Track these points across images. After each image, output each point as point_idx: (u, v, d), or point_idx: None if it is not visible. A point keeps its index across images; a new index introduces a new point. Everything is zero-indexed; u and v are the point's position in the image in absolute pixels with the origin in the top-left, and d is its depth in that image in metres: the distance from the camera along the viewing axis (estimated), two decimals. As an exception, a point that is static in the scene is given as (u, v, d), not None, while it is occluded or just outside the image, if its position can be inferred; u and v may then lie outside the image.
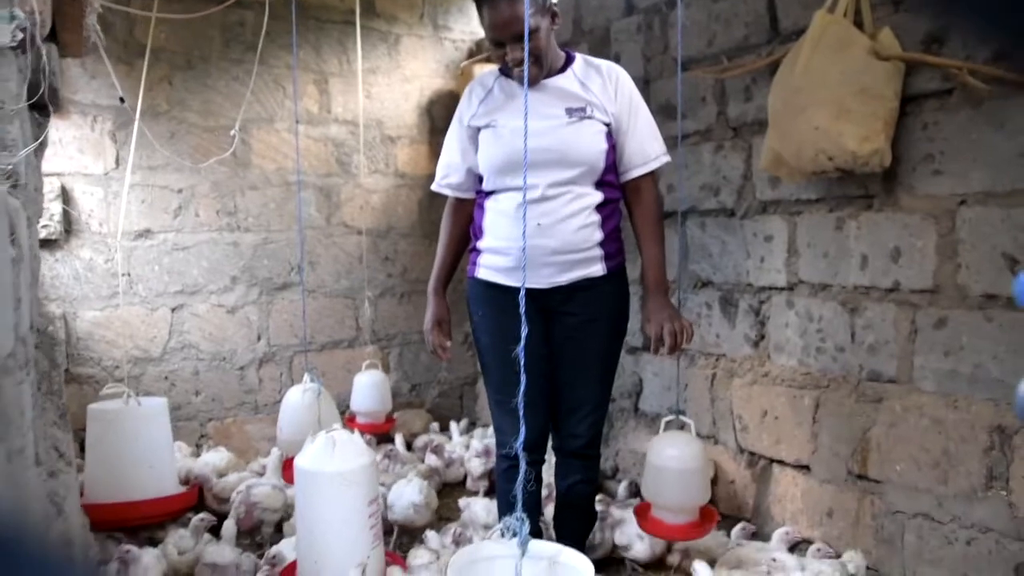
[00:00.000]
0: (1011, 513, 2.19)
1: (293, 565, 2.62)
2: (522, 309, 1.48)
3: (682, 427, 2.65)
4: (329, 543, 2.39)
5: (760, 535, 2.81)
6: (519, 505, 1.60)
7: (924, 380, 2.42)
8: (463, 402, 4.78)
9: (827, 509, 2.71)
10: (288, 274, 4.19)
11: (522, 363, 1.57)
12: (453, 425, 4.17)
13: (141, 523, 3.07)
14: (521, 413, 1.61)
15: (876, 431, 2.54)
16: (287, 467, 3.27)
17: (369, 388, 3.95)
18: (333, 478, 2.37)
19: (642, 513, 2.73)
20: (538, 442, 2.43)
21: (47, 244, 3.63)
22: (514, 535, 1.62)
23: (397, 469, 3.63)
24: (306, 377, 3.42)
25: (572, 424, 2.43)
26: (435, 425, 4.33)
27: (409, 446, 4.04)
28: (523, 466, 1.62)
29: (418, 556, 2.67)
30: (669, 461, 2.57)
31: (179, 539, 2.93)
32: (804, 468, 2.79)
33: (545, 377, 2.37)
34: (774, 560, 2.43)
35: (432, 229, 4.07)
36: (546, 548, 1.84)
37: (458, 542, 2.77)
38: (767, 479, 2.96)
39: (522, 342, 1.52)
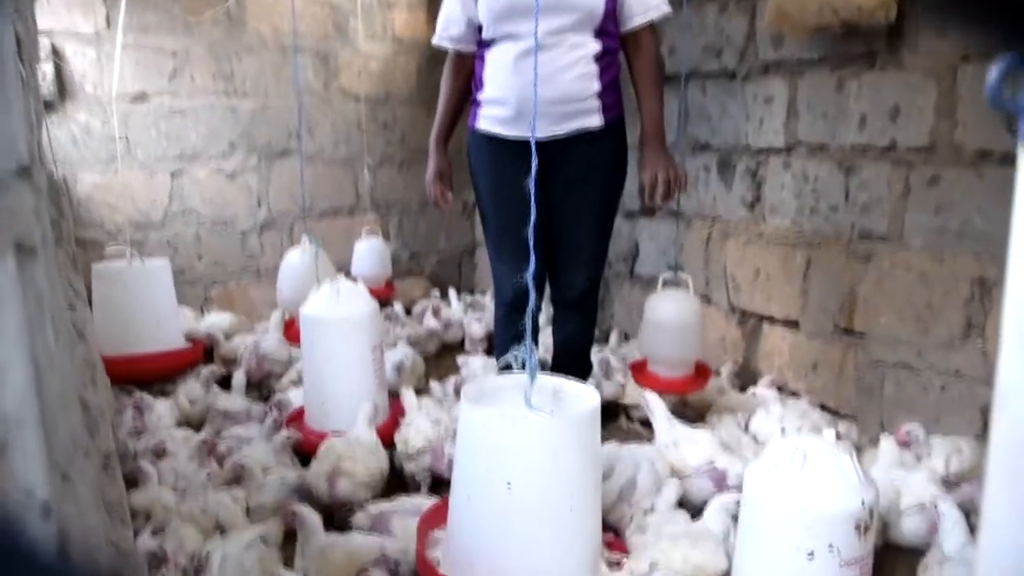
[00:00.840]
0: (984, 360, 2.30)
1: (300, 411, 2.75)
2: (533, 146, 1.51)
3: (679, 285, 2.74)
4: (335, 387, 2.50)
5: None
6: (528, 334, 1.68)
7: (913, 237, 2.48)
8: (462, 270, 4.86)
9: (813, 362, 2.82)
10: (287, 140, 4.18)
11: (532, 193, 1.61)
12: (452, 291, 4.27)
13: (150, 376, 3.18)
14: (531, 240, 1.66)
15: (863, 287, 2.62)
16: (288, 327, 3.38)
17: (368, 254, 4.03)
18: (339, 324, 2.47)
19: (639, 368, 2.85)
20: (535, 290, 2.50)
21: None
22: (523, 366, 1.70)
23: (397, 331, 3.74)
24: (304, 239, 3.49)
25: (569, 274, 2.50)
26: (435, 292, 4.42)
27: (408, 313, 4.14)
28: (533, 294, 1.69)
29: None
30: (666, 317, 2.66)
31: (189, 390, 3.05)
32: (793, 324, 2.90)
33: (542, 228, 2.42)
34: (754, 395, 2.59)
35: (431, 96, 4.03)
36: (550, 380, 1.93)
37: (459, 390, 2.90)
38: (757, 336, 3.07)
39: (533, 170, 1.55)
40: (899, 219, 2.52)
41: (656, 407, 2.40)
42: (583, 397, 1.78)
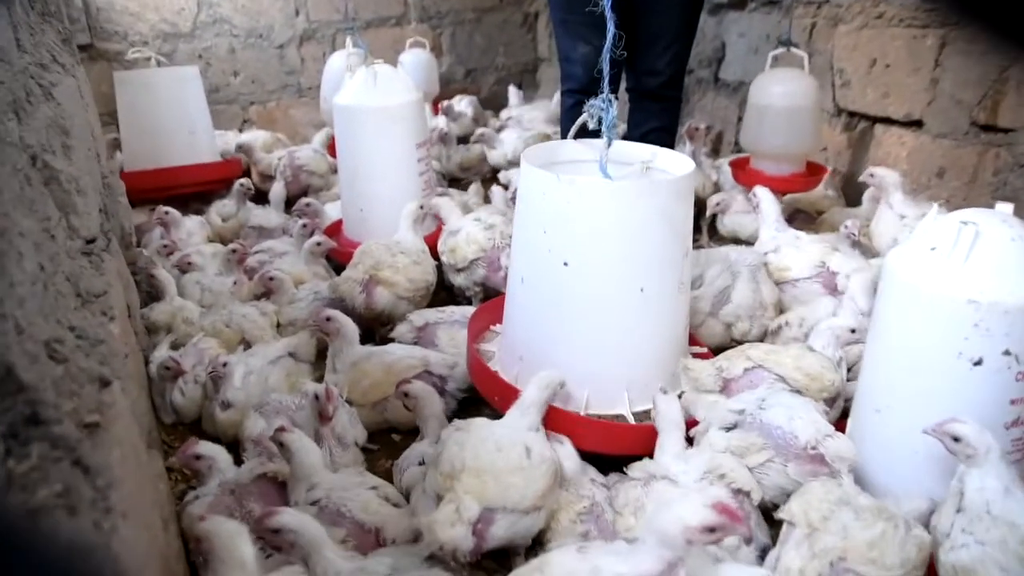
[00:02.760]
0: None
1: (338, 224, 2.45)
2: None
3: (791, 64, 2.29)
4: (374, 187, 2.16)
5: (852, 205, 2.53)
6: (605, 81, 1.32)
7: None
8: (523, 91, 4.40)
9: (938, 168, 2.37)
10: (323, -63, 3.70)
11: None
12: (512, 91, 3.84)
13: (184, 191, 2.91)
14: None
15: (1016, 70, 2.12)
16: (333, 147, 3.05)
17: (413, 68, 3.60)
18: (376, 113, 2.10)
19: (740, 166, 2.49)
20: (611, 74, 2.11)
21: None
22: (599, 124, 1.35)
23: (438, 150, 3.38)
24: (348, 41, 3.10)
25: (650, 58, 2.08)
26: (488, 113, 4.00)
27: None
28: (611, 28, 1.32)
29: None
30: (775, 98, 2.27)
31: (222, 207, 2.78)
32: (915, 124, 2.42)
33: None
34: (872, 176, 2.20)
35: None
36: (636, 150, 1.57)
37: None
38: (866, 142, 2.60)
39: None
40: (1071, -21, 1.99)
41: (766, 202, 2.04)
42: (675, 167, 1.42)
